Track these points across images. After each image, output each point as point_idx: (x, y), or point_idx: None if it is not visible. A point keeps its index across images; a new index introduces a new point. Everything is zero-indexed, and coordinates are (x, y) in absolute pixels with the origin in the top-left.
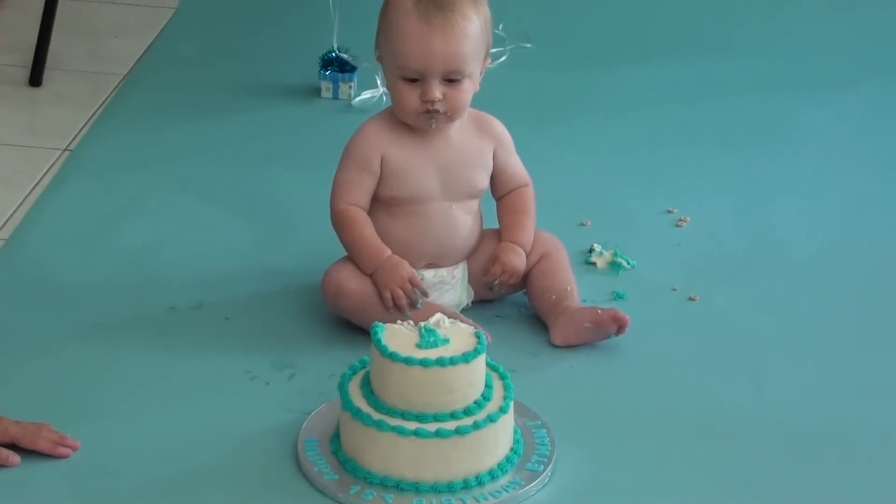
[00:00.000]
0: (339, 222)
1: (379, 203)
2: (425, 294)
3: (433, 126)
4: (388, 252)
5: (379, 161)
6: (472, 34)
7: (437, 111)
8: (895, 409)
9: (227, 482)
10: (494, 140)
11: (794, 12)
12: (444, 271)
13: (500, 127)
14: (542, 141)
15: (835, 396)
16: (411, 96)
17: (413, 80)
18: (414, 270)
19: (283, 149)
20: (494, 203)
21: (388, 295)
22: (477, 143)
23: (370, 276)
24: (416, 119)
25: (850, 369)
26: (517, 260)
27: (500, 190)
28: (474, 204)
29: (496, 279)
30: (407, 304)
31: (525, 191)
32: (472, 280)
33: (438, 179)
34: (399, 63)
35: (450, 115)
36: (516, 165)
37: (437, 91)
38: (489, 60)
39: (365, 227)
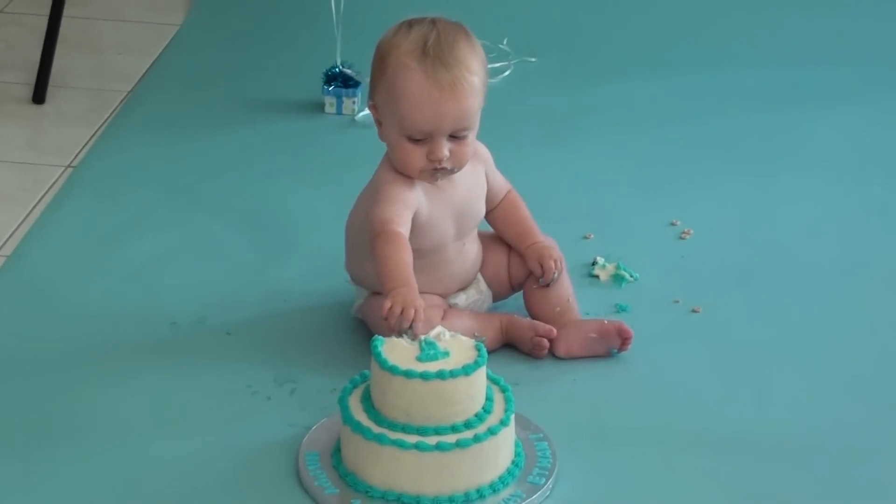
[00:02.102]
0: (378, 238)
1: None
2: (413, 338)
3: (438, 181)
4: (414, 285)
5: (416, 202)
6: (477, 87)
7: (444, 168)
8: None
9: (229, 497)
10: (483, 163)
11: (798, 24)
12: (472, 291)
13: (483, 147)
14: (545, 154)
15: (838, 409)
16: (417, 154)
17: (417, 141)
18: (421, 310)
19: (286, 164)
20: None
21: (388, 305)
22: (473, 172)
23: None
24: (419, 175)
25: (854, 381)
26: (555, 251)
27: (490, 204)
28: (476, 230)
29: (554, 273)
30: (396, 324)
31: (513, 197)
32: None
33: (454, 224)
34: (406, 125)
35: (456, 170)
36: (499, 178)
37: (445, 149)
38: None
39: (406, 252)
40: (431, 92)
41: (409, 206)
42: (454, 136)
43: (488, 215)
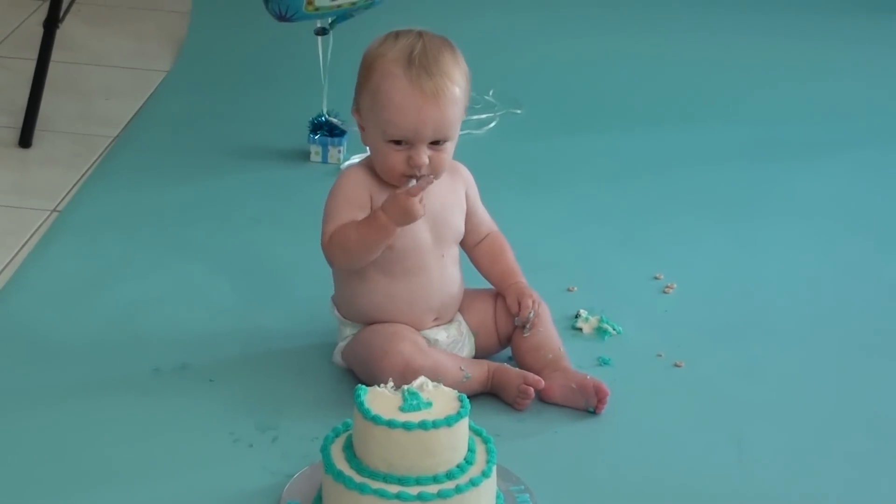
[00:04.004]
0: (334, 244)
1: (377, 266)
2: (429, 177)
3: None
4: (374, 209)
5: (369, 199)
6: (458, 98)
7: (423, 174)
8: (877, 477)
9: None
10: (465, 183)
11: (782, 80)
12: (453, 330)
13: (466, 171)
14: (530, 206)
15: (818, 465)
16: (398, 158)
17: (398, 143)
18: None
19: (271, 212)
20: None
21: (417, 208)
22: (452, 186)
23: (395, 227)
24: (399, 179)
25: (834, 437)
26: (535, 294)
27: (473, 236)
28: (457, 251)
29: (530, 311)
30: (424, 184)
31: (498, 236)
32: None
33: (428, 226)
34: (389, 130)
35: (435, 176)
36: (483, 211)
37: (425, 156)
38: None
39: (352, 222)
40: (415, 98)
41: (355, 203)
42: (434, 145)
43: (472, 251)
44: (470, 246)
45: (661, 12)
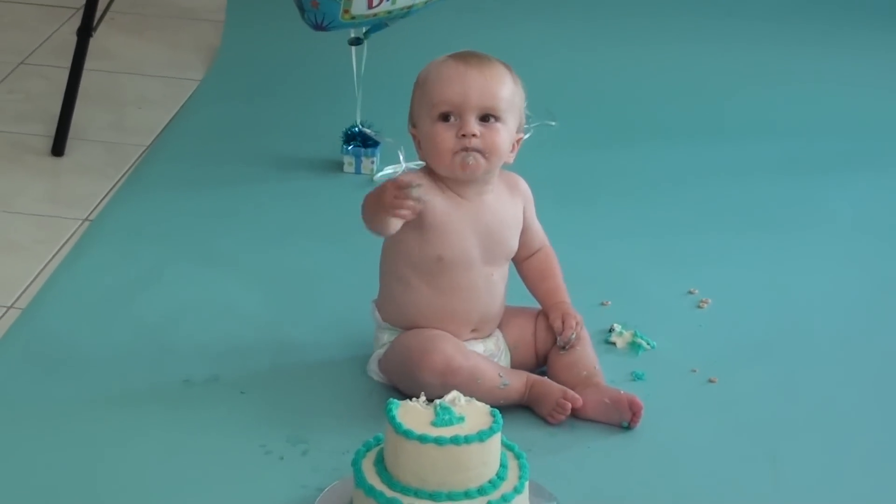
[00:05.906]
0: (364, 202)
1: (422, 276)
2: (418, 185)
3: (470, 162)
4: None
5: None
6: (507, 83)
7: (474, 149)
8: None
9: None
10: (523, 198)
11: (818, 94)
12: (490, 344)
13: (525, 185)
14: (564, 219)
15: (853, 485)
16: (448, 136)
17: (447, 121)
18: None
19: (303, 222)
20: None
21: (387, 198)
22: (510, 202)
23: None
24: (451, 162)
25: (871, 457)
26: (579, 316)
27: (524, 250)
28: (507, 269)
29: (572, 333)
30: (407, 197)
31: (549, 252)
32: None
33: (479, 242)
34: (435, 100)
35: (487, 157)
36: (538, 226)
37: (475, 127)
38: (522, 135)
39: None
40: (459, 69)
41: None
42: (483, 121)
43: (522, 265)
44: (520, 259)
45: (698, 25)
